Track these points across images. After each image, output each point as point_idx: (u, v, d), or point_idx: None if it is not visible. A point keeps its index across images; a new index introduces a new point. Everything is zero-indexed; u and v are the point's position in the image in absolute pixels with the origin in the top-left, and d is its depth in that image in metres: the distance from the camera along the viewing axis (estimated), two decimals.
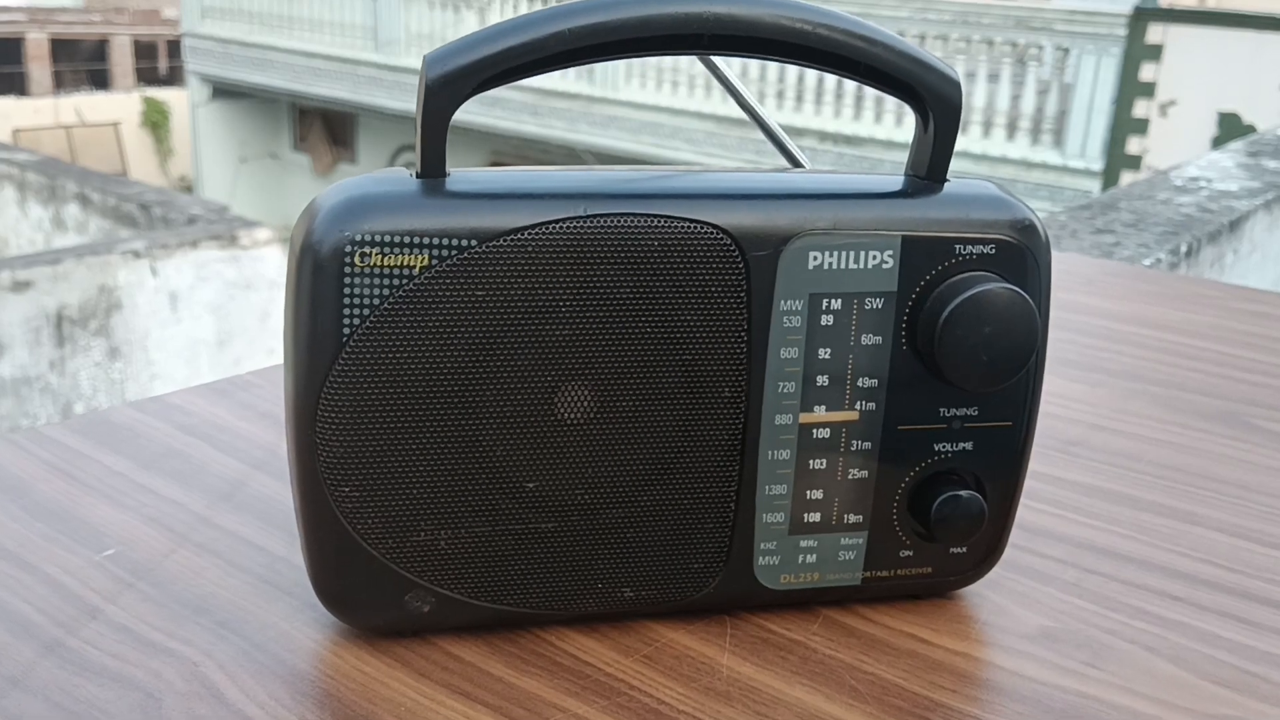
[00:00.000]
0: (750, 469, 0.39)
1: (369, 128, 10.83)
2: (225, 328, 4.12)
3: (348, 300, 0.34)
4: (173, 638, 0.38)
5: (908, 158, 0.40)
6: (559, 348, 0.36)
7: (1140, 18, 6.43)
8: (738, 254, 0.37)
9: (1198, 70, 6.38)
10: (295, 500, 0.37)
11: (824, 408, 0.39)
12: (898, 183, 0.40)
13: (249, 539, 0.45)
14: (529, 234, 0.35)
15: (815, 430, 0.39)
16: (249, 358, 4.15)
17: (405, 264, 0.34)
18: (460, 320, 0.35)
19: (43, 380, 3.75)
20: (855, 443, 0.39)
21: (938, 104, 0.38)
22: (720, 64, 0.45)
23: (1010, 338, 0.38)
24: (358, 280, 0.34)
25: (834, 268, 0.38)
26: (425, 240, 0.35)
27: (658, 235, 0.36)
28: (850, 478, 0.40)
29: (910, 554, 0.41)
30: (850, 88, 6.93)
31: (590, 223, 0.36)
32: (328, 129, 11.42)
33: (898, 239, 0.38)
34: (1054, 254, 0.48)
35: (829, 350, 0.38)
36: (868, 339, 0.38)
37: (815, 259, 0.37)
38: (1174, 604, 0.43)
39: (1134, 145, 6.55)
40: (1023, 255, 0.39)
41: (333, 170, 11.27)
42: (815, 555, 0.40)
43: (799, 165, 0.45)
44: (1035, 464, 0.42)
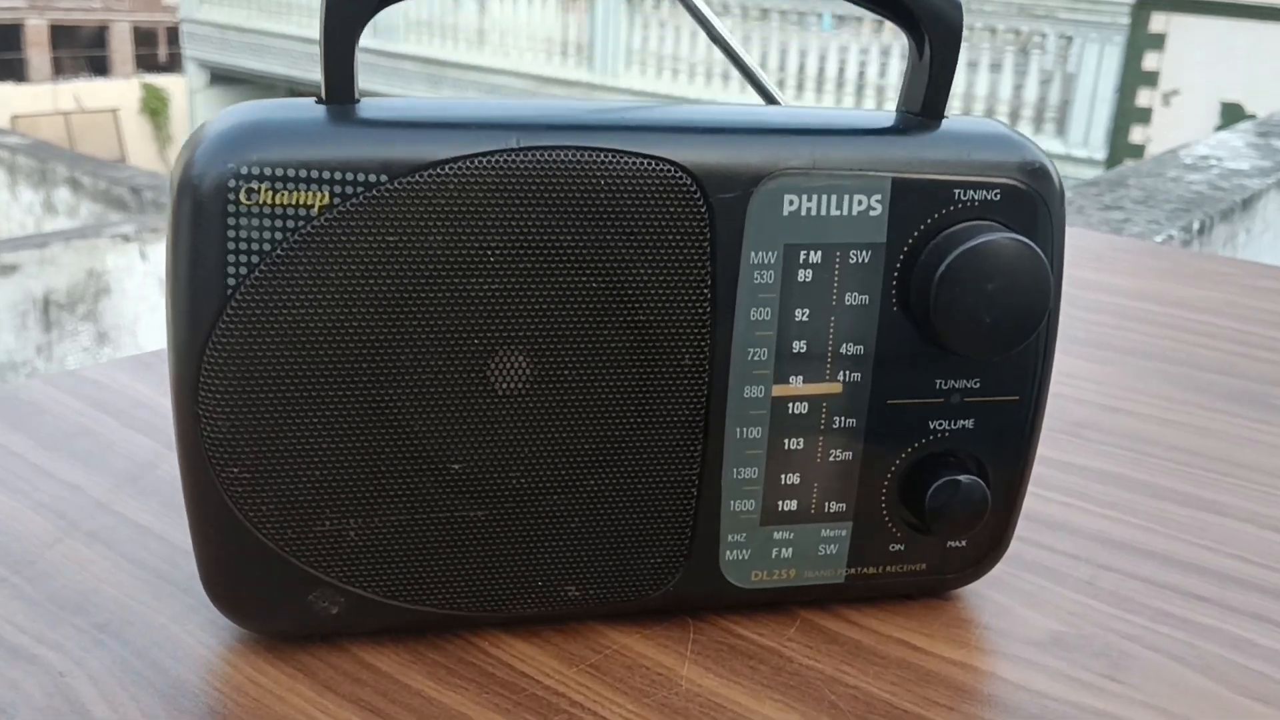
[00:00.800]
0: (715, 449, 0.33)
1: None
2: None
3: (233, 246, 0.29)
4: (41, 642, 0.33)
5: (900, 91, 0.35)
6: (488, 305, 0.31)
7: (1144, 6, 6.36)
8: (699, 196, 0.31)
9: (1201, 60, 6.31)
10: (182, 483, 0.32)
11: (801, 379, 0.33)
12: (889, 119, 0.34)
13: (149, 527, 0.39)
14: (451, 169, 0.30)
15: (791, 404, 0.34)
16: None
17: (301, 202, 0.29)
18: (368, 271, 0.30)
19: (29, 365, 3.69)
20: (838, 419, 0.34)
21: (935, 26, 0.33)
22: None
23: (1018, 296, 0.32)
24: (244, 221, 0.29)
25: (813, 214, 0.32)
26: (326, 174, 0.29)
27: (605, 173, 0.31)
28: (832, 460, 0.34)
29: (901, 548, 0.36)
30: (833, 74, 6.86)
31: (524, 157, 0.30)
32: None
33: (887, 181, 0.32)
34: None
35: (807, 311, 0.33)
36: (852, 298, 0.33)
37: (791, 203, 0.32)
38: (1201, 605, 0.38)
39: (1137, 134, 6.48)
40: (1033, 202, 0.33)
41: None
42: (791, 549, 0.35)
43: (774, 103, 0.40)
44: (1042, 447, 0.37)
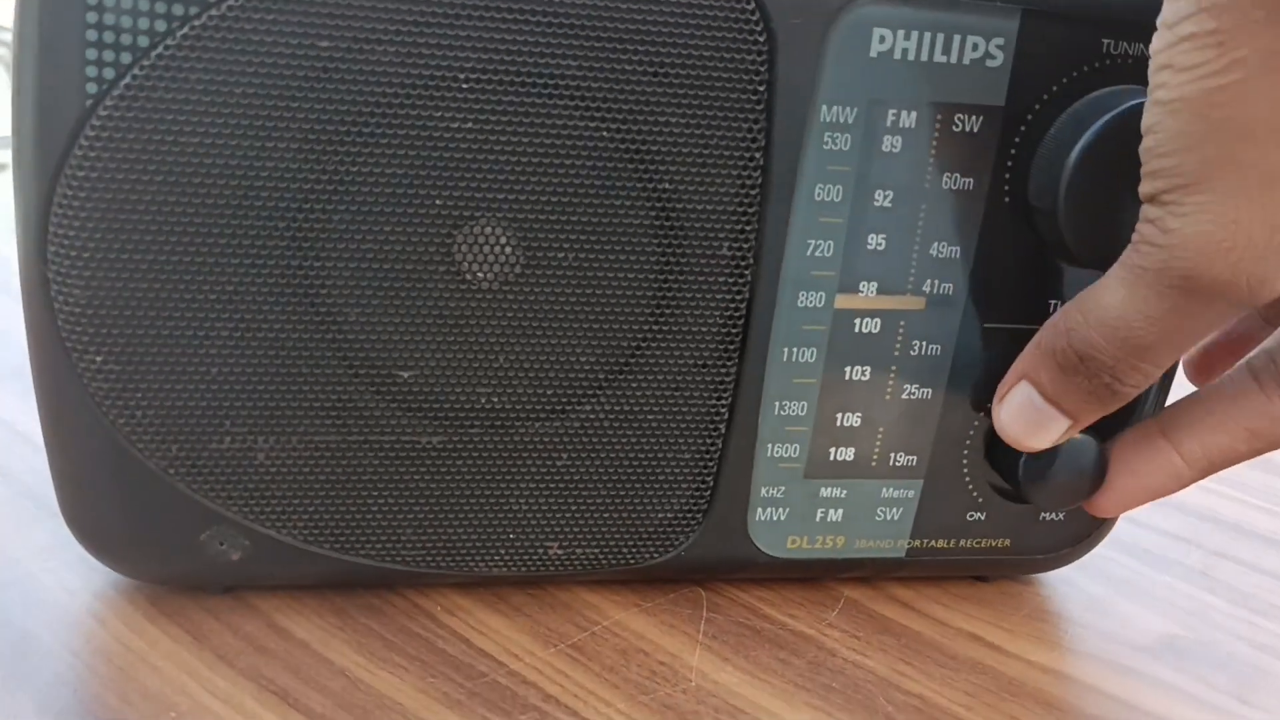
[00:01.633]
0: (754, 374, 0.25)
1: None
2: None
3: (95, 36, 0.20)
4: None
5: None
6: (458, 155, 0.22)
7: None
8: (758, 19, 0.23)
9: None
10: (33, 378, 0.24)
11: (874, 287, 0.25)
12: None
13: (24, 431, 0.31)
14: None
15: (858, 321, 0.25)
16: None
17: None
18: (289, 88, 0.21)
19: (6, 284, 3.59)
20: (918, 344, 0.26)
21: None
22: None
23: None
24: (113, 3, 0.20)
25: (910, 59, 0.23)
26: None
27: None
28: (905, 398, 0.26)
29: (980, 517, 0.28)
30: None
31: None
32: None
33: (1014, 20, 0.24)
34: None
35: (890, 194, 0.24)
36: (952, 181, 0.24)
37: (883, 41, 0.23)
38: None
39: None
40: None
41: None
42: (842, 511, 0.27)
43: None
44: None
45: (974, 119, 0.24)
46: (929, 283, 0.25)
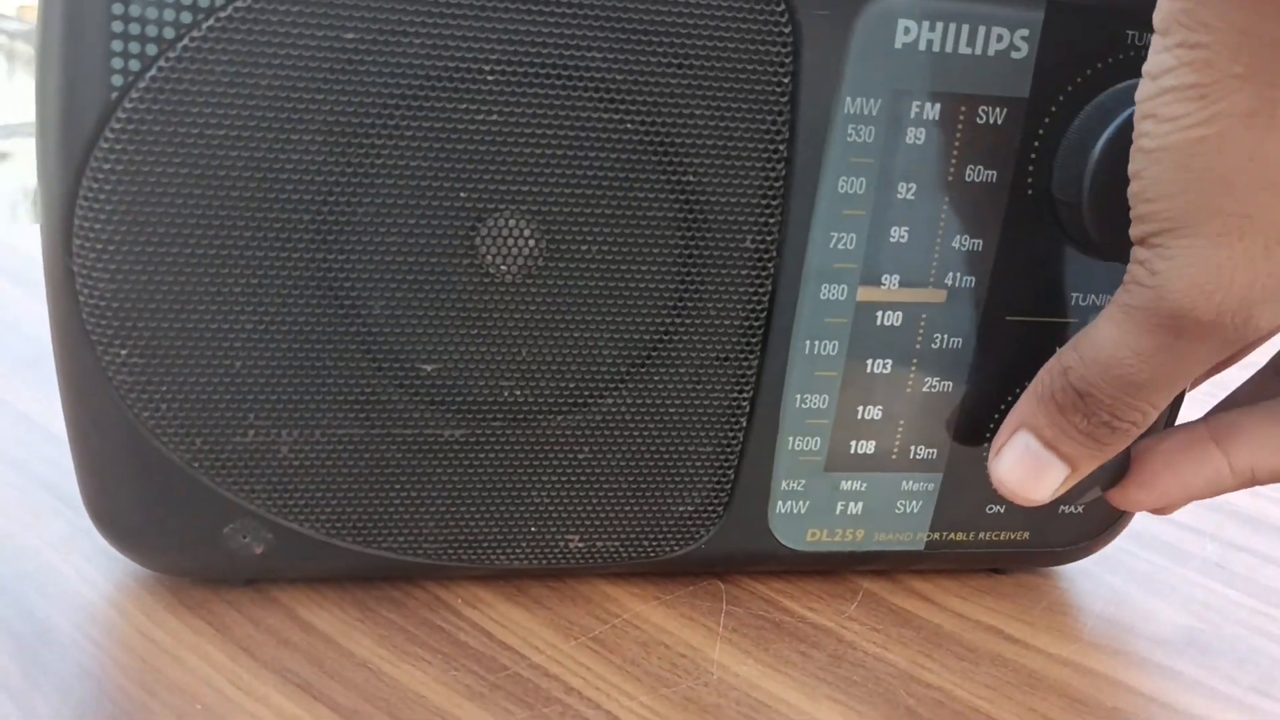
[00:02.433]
0: (776, 366, 0.25)
1: None
2: None
3: (120, 28, 0.20)
4: None
5: None
6: (483, 150, 0.22)
7: None
8: (783, 10, 0.22)
9: None
10: (57, 371, 0.24)
11: (897, 280, 0.25)
12: None
13: (40, 422, 0.31)
14: None
15: (881, 313, 0.25)
16: None
17: None
18: (314, 80, 0.21)
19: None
20: (940, 337, 0.26)
21: None
22: None
23: None
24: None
25: (935, 50, 0.23)
26: None
27: None
28: (927, 390, 0.26)
29: (1000, 510, 0.28)
30: None
31: None
32: None
33: (1040, 11, 0.24)
34: None
35: (913, 187, 0.24)
36: (975, 174, 0.24)
37: (908, 33, 0.23)
38: None
39: None
40: None
41: None
42: (862, 504, 0.27)
43: None
44: None
45: (998, 111, 0.24)
46: (951, 275, 0.25)
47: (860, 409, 0.26)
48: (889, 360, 0.26)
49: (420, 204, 0.22)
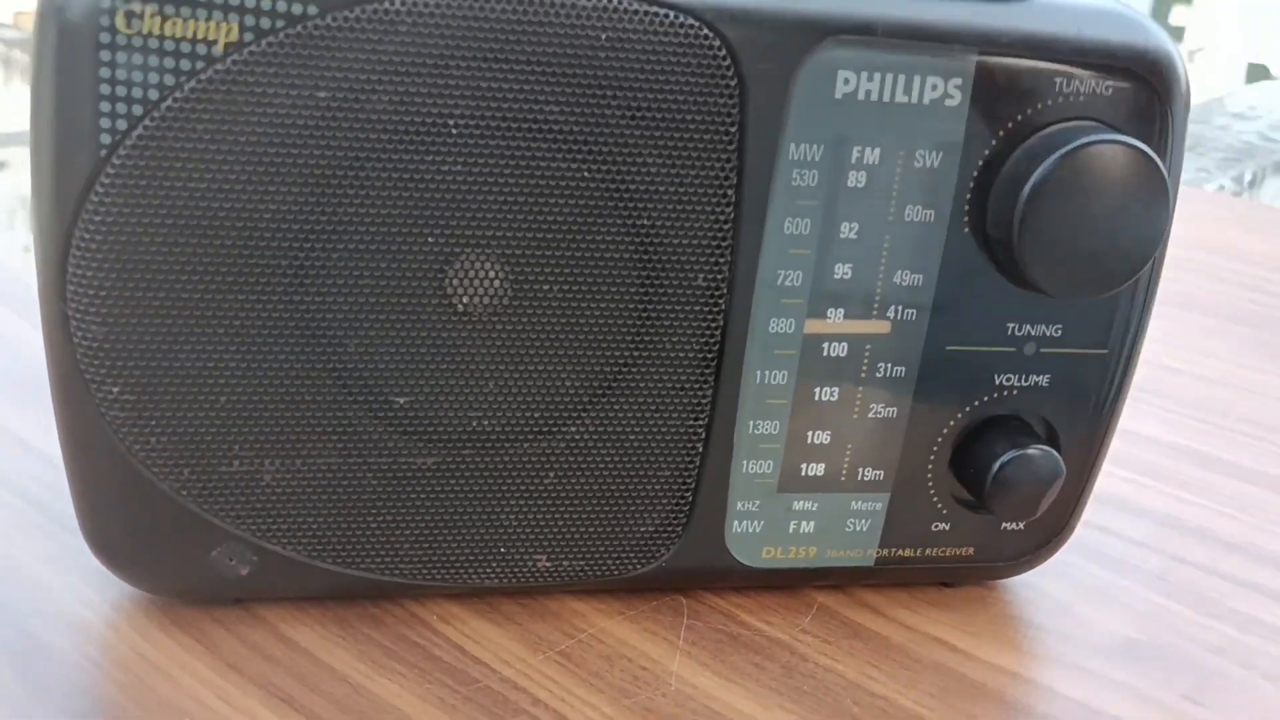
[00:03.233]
0: (729, 395, 0.27)
1: None
2: None
3: (108, 91, 0.22)
4: None
5: None
6: (449, 192, 0.24)
7: None
8: (729, 64, 0.24)
9: (1228, 18, 6.16)
10: (54, 405, 0.25)
11: (841, 313, 0.26)
12: None
13: (32, 444, 0.33)
14: (405, 5, 0.22)
15: (826, 345, 0.27)
16: None
17: (201, 35, 0.22)
18: (289, 133, 0.23)
19: (13, 271, 3.60)
20: (883, 366, 0.27)
21: None
22: None
23: (1127, 221, 0.25)
24: (124, 57, 0.22)
25: (873, 99, 0.25)
26: (236, 1, 0.22)
27: (606, 26, 0.23)
28: (872, 416, 0.28)
29: (945, 528, 0.29)
30: None
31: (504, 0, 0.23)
32: None
33: (971, 62, 0.25)
34: None
35: (855, 227, 0.26)
36: (914, 213, 0.26)
37: (847, 83, 0.25)
38: None
39: None
40: (1151, 101, 0.26)
41: None
42: (813, 523, 0.29)
43: None
44: None
45: (934, 155, 0.26)
46: (893, 308, 0.27)
47: (810, 434, 0.28)
48: (836, 388, 0.27)
49: (391, 248, 0.24)
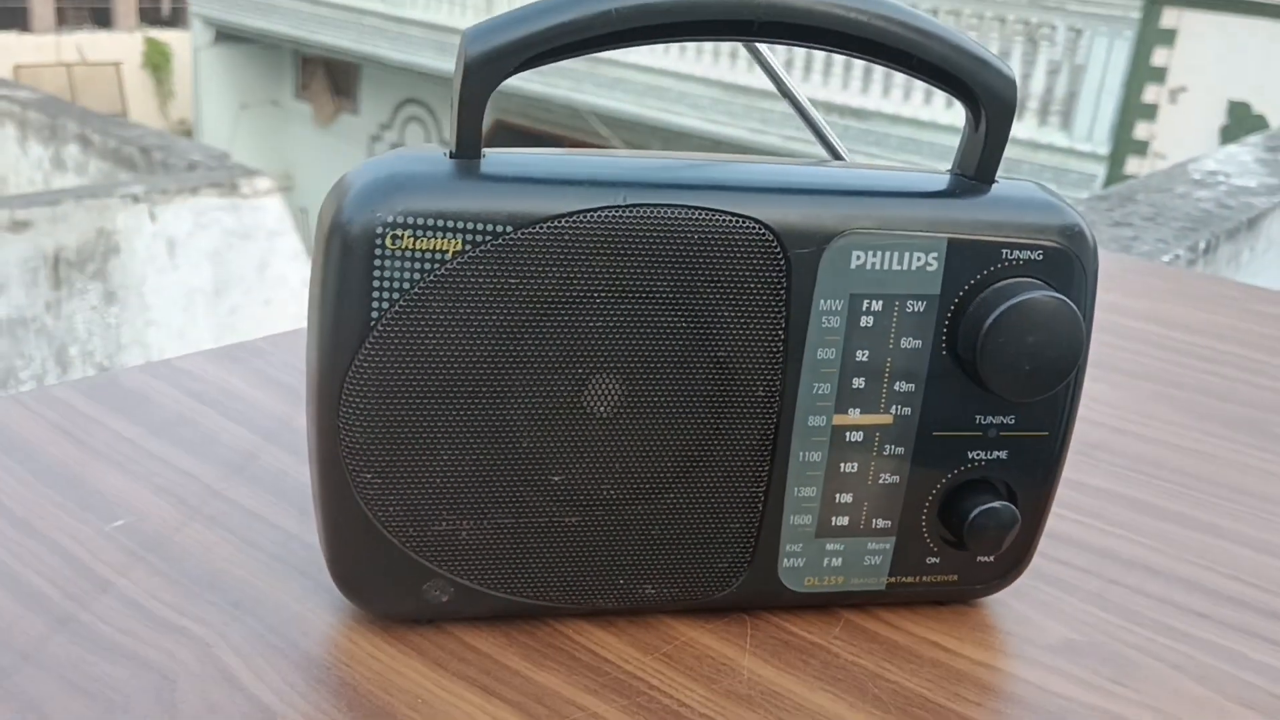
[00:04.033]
0: (780, 469, 0.38)
1: (372, 79, 10.73)
2: (222, 276, 4.09)
3: (377, 283, 0.33)
4: (185, 615, 0.38)
5: (955, 155, 0.39)
6: (590, 339, 0.35)
7: (1155, 1, 6.38)
8: (779, 250, 0.36)
9: (1210, 57, 6.33)
10: (314, 484, 0.36)
11: (858, 410, 0.38)
12: (944, 181, 0.39)
13: (261, 514, 0.44)
14: (567, 222, 0.34)
15: (849, 433, 0.38)
16: (245, 307, 4.13)
17: (438, 248, 0.33)
18: (492, 307, 0.34)
19: (38, 322, 3.73)
20: (888, 447, 0.38)
21: (991, 102, 0.37)
22: (764, 51, 0.44)
23: (1055, 348, 0.37)
24: (388, 263, 0.33)
25: (877, 268, 0.36)
26: (460, 224, 0.33)
27: (698, 228, 0.35)
28: (881, 482, 0.39)
29: (936, 560, 0.40)
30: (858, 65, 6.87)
31: (630, 212, 0.34)
32: (330, 78, 11.31)
33: (944, 241, 0.37)
34: None
35: (867, 352, 0.37)
36: (907, 342, 0.37)
37: (858, 258, 0.36)
38: (1200, 621, 0.42)
39: (1142, 131, 6.51)
40: (1070, 262, 0.38)
41: (334, 120, 11.17)
42: (841, 559, 0.40)
43: (839, 157, 0.44)
44: None
45: (919, 303, 0.37)
46: (895, 406, 0.38)
47: (838, 495, 0.39)
48: (856, 463, 0.38)
49: (552, 375, 0.35)
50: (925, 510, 0.40)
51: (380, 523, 0.36)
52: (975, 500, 0.39)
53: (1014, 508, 0.39)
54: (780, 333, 0.36)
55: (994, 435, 0.39)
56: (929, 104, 6.79)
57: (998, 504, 0.39)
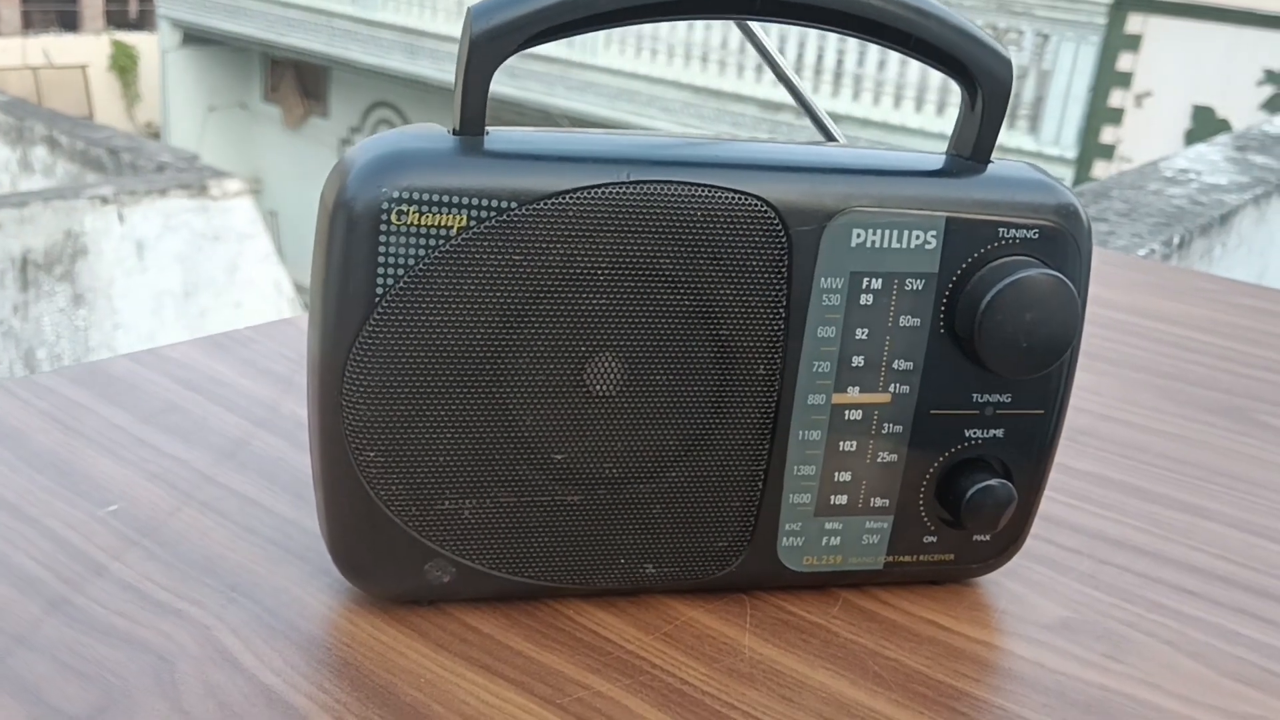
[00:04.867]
0: (780, 449, 0.38)
1: (341, 81, 10.68)
2: (191, 279, 4.06)
3: (382, 259, 0.33)
4: (182, 598, 0.37)
5: (951, 136, 0.39)
6: (593, 316, 0.35)
7: (1120, 7, 6.45)
8: (781, 228, 0.36)
9: (1175, 62, 6.41)
10: (315, 464, 0.36)
11: (857, 389, 0.38)
12: (941, 161, 0.39)
13: (255, 499, 0.43)
14: (571, 198, 0.34)
15: (847, 411, 0.38)
16: (215, 310, 4.09)
17: (443, 224, 0.33)
18: (496, 284, 0.34)
19: (5, 324, 3.68)
20: (886, 425, 0.39)
21: (988, 82, 0.37)
22: (758, 32, 0.44)
23: (1051, 325, 0.37)
24: (393, 239, 0.33)
25: (876, 246, 0.37)
26: (465, 200, 0.33)
27: (701, 205, 0.35)
28: (879, 461, 0.39)
29: (934, 540, 0.41)
30: (850, 68, 6.90)
31: (634, 189, 0.35)
32: (299, 81, 11.24)
33: (942, 219, 0.37)
34: None
35: (866, 331, 0.37)
36: (906, 320, 0.38)
37: (858, 236, 0.36)
38: (1191, 599, 0.43)
39: (1108, 135, 6.58)
40: (1065, 241, 0.38)
41: (303, 123, 11.10)
42: (839, 538, 0.40)
43: (833, 139, 0.44)
44: None
45: (918, 281, 0.37)
46: (893, 385, 0.38)
47: (836, 474, 0.39)
48: (854, 441, 0.39)
49: (554, 354, 0.35)
50: (923, 489, 0.40)
51: (383, 502, 0.36)
52: (972, 478, 0.39)
53: (1010, 485, 0.40)
54: (781, 310, 0.37)
55: (990, 414, 0.39)
56: (899, 109, 6.83)
57: (994, 482, 0.39)
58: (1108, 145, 6.58)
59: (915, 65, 6.55)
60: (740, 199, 0.35)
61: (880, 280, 0.37)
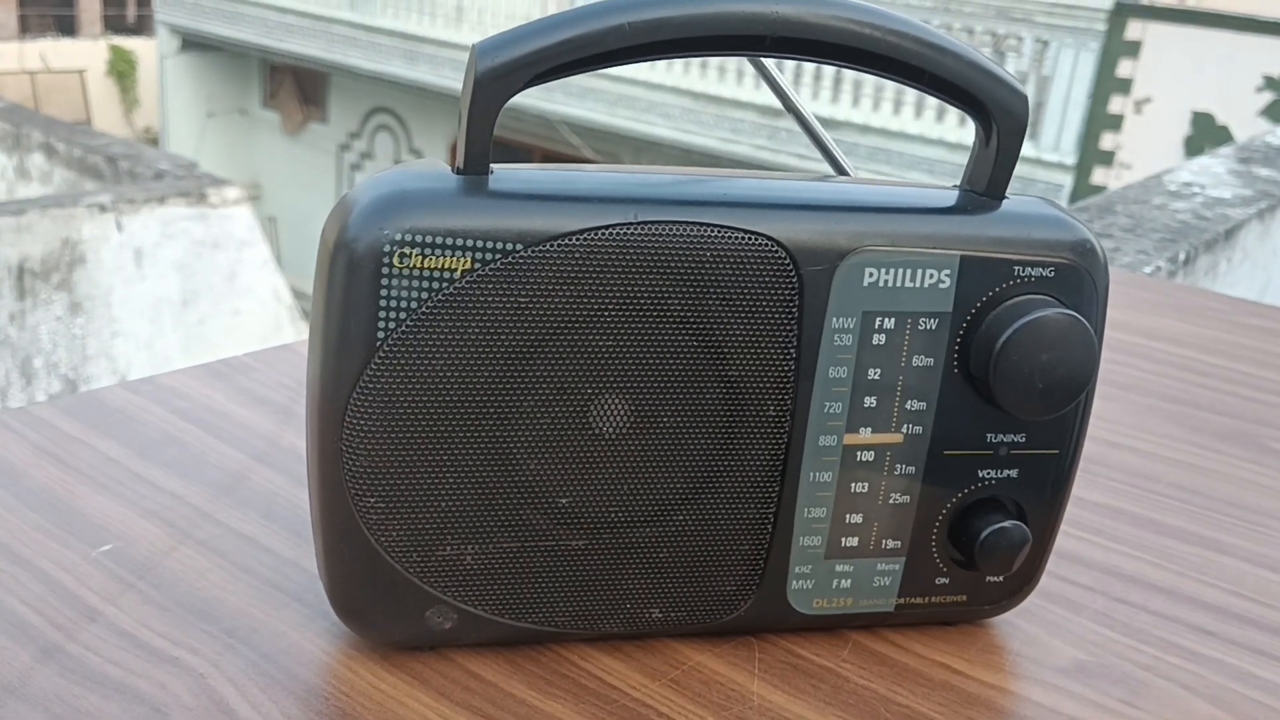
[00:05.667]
0: (790, 490, 0.37)
1: (341, 87, 10.67)
2: (190, 287, 4.04)
3: (384, 302, 0.32)
4: (178, 645, 0.36)
5: (965, 170, 0.39)
6: (599, 359, 0.34)
7: (1121, 13, 6.45)
8: (792, 268, 0.35)
9: (1174, 69, 6.41)
10: (314, 508, 0.35)
11: (870, 429, 0.37)
12: (954, 197, 0.38)
13: (253, 538, 0.42)
14: (578, 239, 0.33)
15: (859, 452, 0.37)
16: (214, 318, 4.08)
17: (446, 266, 0.32)
18: (500, 327, 0.33)
19: (2, 333, 3.67)
20: (899, 466, 0.38)
21: (1004, 118, 0.37)
22: (770, 68, 0.43)
23: (1068, 366, 0.36)
24: (395, 282, 0.32)
25: (889, 285, 0.36)
26: (469, 242, 0.33)
27: (710, 246, 0.34)
28: (891, 502, 0.38)
29: (946, 581, 0.40)
30: (850, 73, 6.90)
31: (641, 229, 0.34)
32: (298, 87, 11.23)
33: (956, 258, 0.36)
34: None
35: (879, 371, 0.37)
36: (919, 360, 0.37)
37: (871, 275, 0.36)
38: (1207, 639, 0.42)
39: (1108, 141, 6.58)
40: (1081, 279, 0.37)
41: (302, 129, 11.10)
42: (850, 580, 0.39)
43: (844, 173, 0.44)
44: None
45: (932, 321, 0.37)
46: (906, 425, 0.38)
47: (848, 516, 0.38)
48: (866, 483, 0.38)
49: (558, 396, 0.34)
50: (935, 530, 0.39)
51: (383, 548, 0.35)
52: (986, 520, 0.38)
53: (1025, 527, 0.39)
54: (792, 351, 0.36)
55: (1004, 454, 0.38)
56: (897, 114, 6.83)
57: (1008, 523, 0.38)
58: (1107, 151, 6.57)
59: None
60: (750, 239, 0.35)
61: (893, 320, 0.36)
